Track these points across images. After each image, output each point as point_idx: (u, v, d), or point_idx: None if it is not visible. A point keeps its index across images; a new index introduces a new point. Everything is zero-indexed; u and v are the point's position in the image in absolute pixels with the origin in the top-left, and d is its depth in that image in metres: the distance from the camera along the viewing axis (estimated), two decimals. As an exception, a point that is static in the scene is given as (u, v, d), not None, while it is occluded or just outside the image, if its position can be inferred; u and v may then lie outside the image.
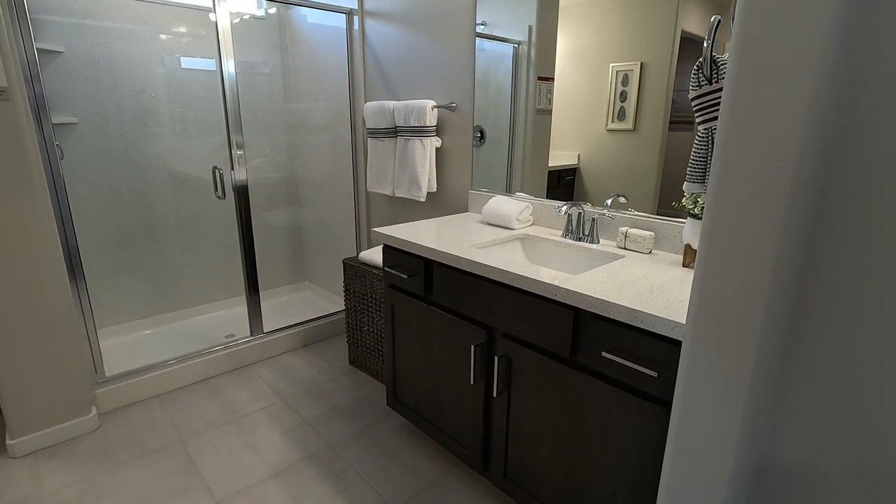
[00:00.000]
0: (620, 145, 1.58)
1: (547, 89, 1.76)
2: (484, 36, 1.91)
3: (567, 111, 1.72)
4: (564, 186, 1.76)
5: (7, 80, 1.56)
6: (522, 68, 1.83)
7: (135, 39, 2.47)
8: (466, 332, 1.49)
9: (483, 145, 2.00)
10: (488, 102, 1.94)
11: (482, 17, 1.89)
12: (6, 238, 1.65)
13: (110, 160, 2.50)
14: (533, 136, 1.84)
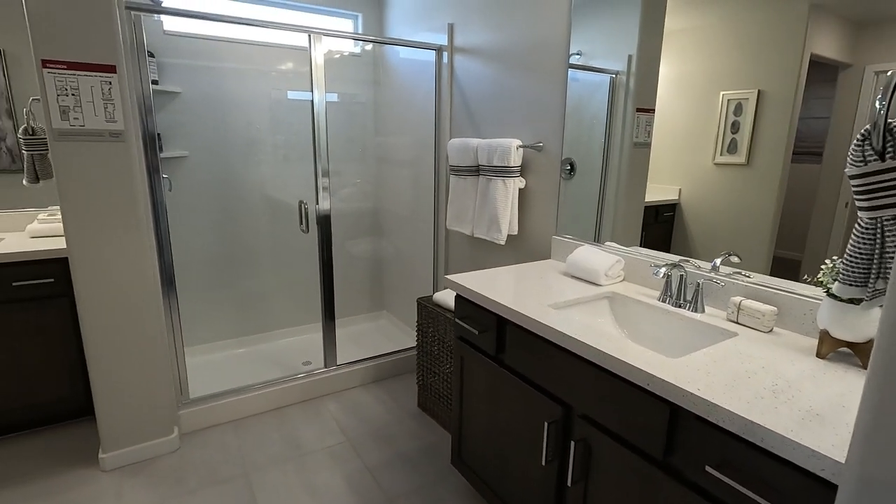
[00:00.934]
0: (730, 180, 1.37)
1: (646, 121, 1.59)
2: (578, 67, 1.77)
3: (668, 143, 1.53)
4: (663, 223, 1.55)
5: (123, 125, 1.71)
6: (619, 99, 1.66)
7: (243, 78, 2.66)
8: (540, 406, 1.32)
9: (572, 178, 1.84)
10: (581, 134, 1.79)
11: (577, 46, 1.75)
12: (110, 266, 1.78)
13: (213, 189, 2.69)
14: (629, 171, 1.66)
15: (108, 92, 1.66)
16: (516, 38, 1.99)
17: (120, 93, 1.68)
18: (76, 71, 1.60)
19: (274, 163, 2.85)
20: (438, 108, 2.51)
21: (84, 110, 1.63)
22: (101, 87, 1.64)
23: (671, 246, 1.54)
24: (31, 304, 1.97)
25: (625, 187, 1.67)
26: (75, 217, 1.70)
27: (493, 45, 2.12)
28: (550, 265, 1.83)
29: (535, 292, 1.49)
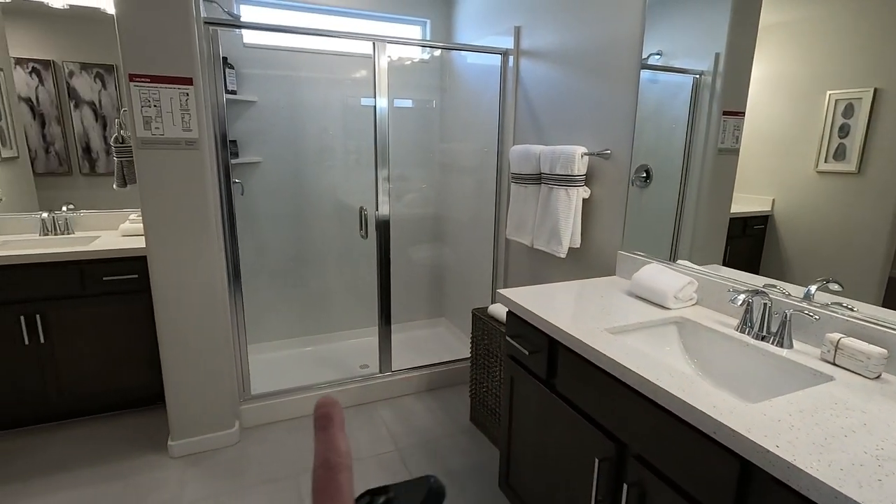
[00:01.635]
0: (836, 191, 1.18)
1: (734, 125, 1.42)
2: (657, 67, 1.62)
3: (759, 148, 1.35)
4: (751, 237, 1.37)
5: (198, 133, 1.81)
6: (703, 101, 1.50)
7: (316, 86, 2.75)
8: (592, 440, 1.21)
9: (648, 186, 1.69)
10: (659, 139, 1.63)
11: (657, 46, 1.60)
12: (182, 264, 1.90)
13: (283, 194, 2.80)
14: (712, 179, 1.49)
15: (185, 103, 1.76)
16: (585, 40, 1.87)
17: (195, 103, 1.78)
18: (158, 84, 1.72)
19: (344, 168, 2.92)
20: (502, 114, 2.44)
21: (164, 120, 1.75)
22: (179, 99, 1.75)
23: (761, 265, 1.35)
24: (119, 298, 2.15)
25: (707, 197, 1.50)
26: (153, 218, 1.82)
27: (560, 47, 2.01)
28: (614, 283, 1.69)
29: (591, 313, 1.37)
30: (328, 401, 0.28)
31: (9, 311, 2.01)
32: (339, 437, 0.27)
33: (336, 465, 0.26)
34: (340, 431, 0.27)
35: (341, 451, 0.26)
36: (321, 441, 0.26)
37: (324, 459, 0.26)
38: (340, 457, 0.26)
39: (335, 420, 0.27)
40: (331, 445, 0.26)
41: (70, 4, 2.28)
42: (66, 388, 2.15)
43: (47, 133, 2.44)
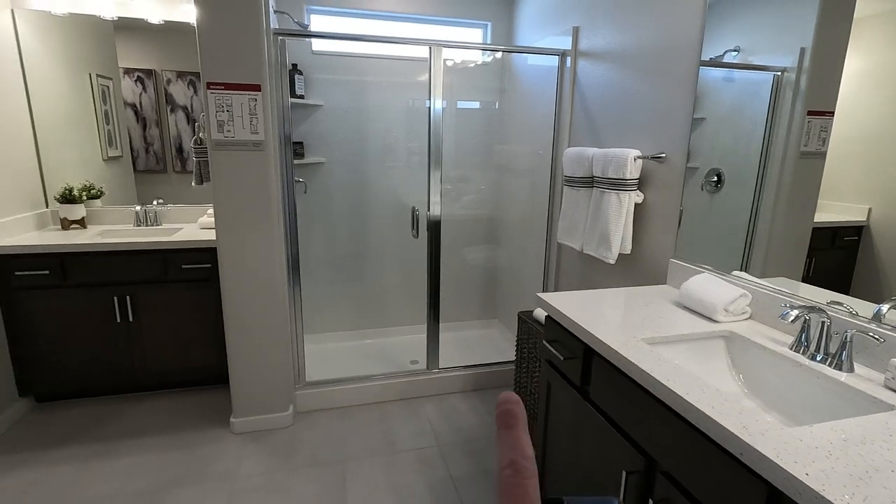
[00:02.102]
0: None
1: (820, 126, 1.30)
2: (733, 65, 1.52)
3: (851, 151, 1.23)
4: (842, 250, 1.25)
5: (264, 135, 1.96)
6: (785, 101, 1.39)
7: (379, 89, 2.87)
8: (621, 452, 1.17)
9: (718, 192, 1.59)
10: (736, 141, 1.52)
11: (735, 41, 1.51)
12: (247, 256, 2.06)
13: (344, 193, 2.94)
14: (793, 185, 1.38)
15: (254, 107, 1.92)
16: (643, 39, 1.81)
17: (262, 108, 1.93)
18: (231, 91, 1.89)
19: (406, 169, 3.01)
20: (558, 116, 2.40)
21: (235, 124, 1.91)
22: (248, 104, 1.91)
23: (852, 281, 1.22)
24: (194, 285, 2.37)
25: (785, 204, 1.39)
26: (223, 213, 2.00)
27: (617, 47, 1.95)
28: (662, 292, 1.62)
29: (631, 321, 1.33)
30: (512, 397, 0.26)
31: (106, 292, 2.29)
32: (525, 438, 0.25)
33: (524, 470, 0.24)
34: (525, 433, 0.26)
35: (528, 454, 0.25)
36: (507, 441, 0.25)
37: (511, 461, 0.24)
38: (528, 461, 0.25)
39: (519, 419, 0.26)
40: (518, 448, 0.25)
41: (164, 20, 2.55)
42: (149, 364, 2.41)
43: (147, 135, 2.73)
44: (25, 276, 2.19)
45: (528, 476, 0.23)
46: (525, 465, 0.23)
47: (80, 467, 1.96)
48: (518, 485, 0.23)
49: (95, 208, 2.65)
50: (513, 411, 0.25)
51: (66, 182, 2.58)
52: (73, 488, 1.84)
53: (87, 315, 2.29)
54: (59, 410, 2.35)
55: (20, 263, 2.18)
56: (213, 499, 1.80)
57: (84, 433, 2.18)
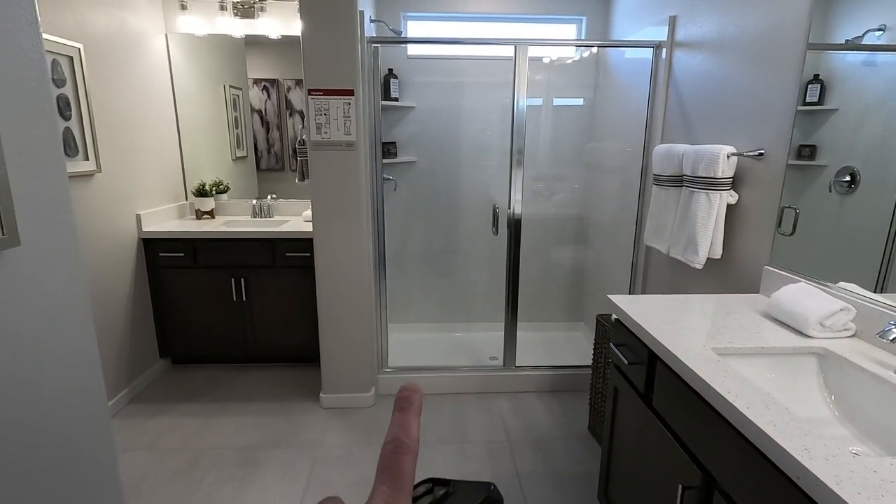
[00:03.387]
0: None
1: None
2: (877, 48, 1.32)
3: None
4: None
5: (356, 136, 2.13)
6: None
7: (471, 90, 2.94)
8: (679, 465, 1.11)
9: (852, 193, 1.40)
10: (881, 136, 1.31)
11: (879, 19, 1.31)
12: (338, 247, 2.25)
13: (433, 191, 3.06)
14: None
15: (347, 111, 2.09)
16: (743, 25, 1.65)
17: (355, 111, 2.10)
18: (328, 96, 2.08)
19: (496, 167, 3.05)
20: (651, 111, 2.27)
21: (331, 126, 2.10)
22: (342, 107, 2.09)
23: None
24: (295, 271, 2.64)
25: None
26: (319, 207, 2.21)
27: (717, 35, 1.80)
28: (751, 301, 1.48)
29: (705, 329, 1.24)
30: (413, 386, 0.30)
31: (226, 274, 2.65)
32: (413, 421, 0.28)
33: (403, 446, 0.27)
34: (415, 417, 0.28)
35: (412, 435, 0.27)
36: (396, 421, 0.28)
37: (394, 437, 0.27)
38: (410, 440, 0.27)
39: (413, 405, 0.29)
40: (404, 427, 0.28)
41: (282, 35, 2.87)
42: (257, 338, 2.74)
43: (269, 137, 3.10)
44: (167, 257, 2.62)
45: (406, 452, 0.26)
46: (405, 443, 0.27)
47: (201, 421, 2.30)
48: (395, 458, 0.26)
49: (222, 201, 3.06)
50: (409, 398, 0.29)
51: (200, 178, 3.02)
52: (195, 437, 2.17)
53: (211, 293, 2.67)
54: (188, 372, 2.78)
55: (164, 246, 2.61)
56: (300, 462, 2.01)
57: (205, 393, 2.55)
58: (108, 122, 2.32)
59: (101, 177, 2.28)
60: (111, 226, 2.36)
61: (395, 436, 0.27)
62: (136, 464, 1.99)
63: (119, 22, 2.41)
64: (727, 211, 1.69)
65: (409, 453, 0.27)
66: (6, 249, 0.80)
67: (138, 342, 2.57)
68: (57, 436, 0.93)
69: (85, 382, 1.00)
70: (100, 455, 1.05)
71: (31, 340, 0.86)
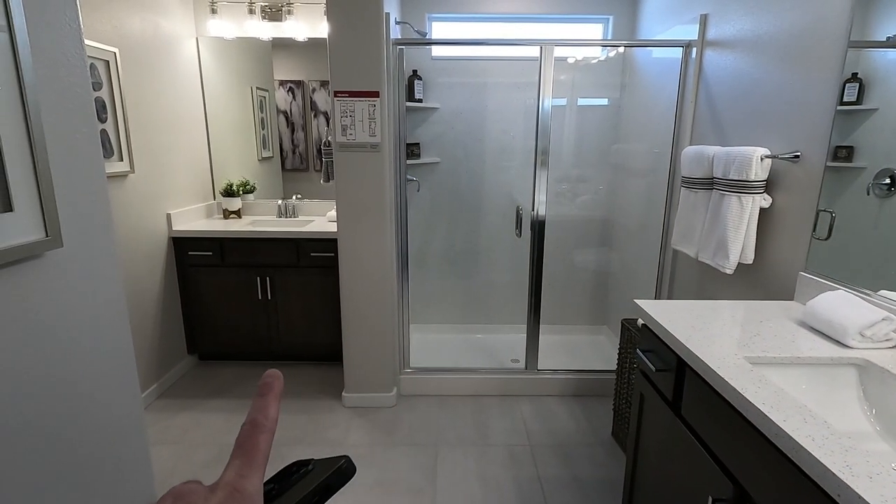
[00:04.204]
0: None
1: None
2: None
3: None
4: None
5: (380, 138, 2.14)
6: None
7: (496, 90, 2.93)
8: (709, 476, 1.08)
9: (891, 196, 1.34)
10: None
11: None
12: (361, 247, 2.27)
13: (456, 191, 3.06)
14: None
15: (372, 112, 2.11)
16: (779, 22, 1.60)
17: (380, 112, 2.11)
18: (354, 97, 2.10)
19: (520, 168, 3.03)
20: (680, 112, 2.23)
21: (356, 127, 2.12)
22: (367, 109, 2.10)
23: None
24: (319, 271, 2.68)
25: None
26: (344, 208, 2.23)
27: (751, 33, 1.76)
28: (785, 308, 1.43)
29: (737, 337, 1.21)
30: (274, 373, 0.31)
31: (252, 272, 2.69)
32: (273, 404, 0.30)
33: (260, 425, 0.28)
34: (275, 400, 0.30)
35: (269, 416, 0.29)
36: (256, 404, 0.29)
37: (252, 418, 0.29)
38: (267, 420, 0.29)
39: (274, 390, 0.30)
40: (263, 409, 0.29)
41: (308, 37, 2.90)
42: (282, 336, 2.78)
43: (294, 138, 3.14)
44: (196, 256, 2.68)
45: (262, 431, 0.28)
46: (262, 422, 0.28)
47: (227, 416, 2.35)
48: (250, 435, 0.28)
49: (249, 201, 3.12)
50: (270, 384, 0.30)
51: (228, 179, 3.08)
52: (220, 433, 2.22)
53: (238, 291, 2.72)
54: (215, 368, 2.84)
55: (193, 245, 2.67)
56: (323, 460, 2.03)
57: (231, 389, 2.61)
58: (140, 124, 2.39)
59: (135, 177, 2.35)
60: (143, 225, 2.43)
61: (254, 417, 0.29)
62: (165, 457, 2.05)
63: (153, 26, 2.47)
64: (760, 215, 1.65)
65: (266, 431, 0.29)
66: (50, 251, 0.83)
67: (168, 339, 2.64)
68: (95, 427, 0.96)
69: (121, 377, 1.03)
70: (135, 446, 1.08)
71: (71, 338, 0.89)
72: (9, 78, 0.74)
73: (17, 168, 0.76)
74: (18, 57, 0.75)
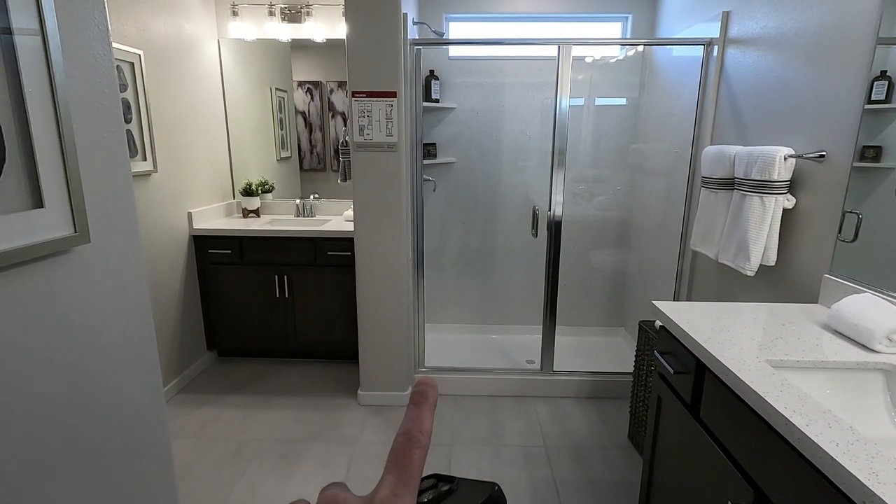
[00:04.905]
0: None
1: None
2: None
3: None
4: None
5: (397, 138, 2.15)
6: None
7: (513, 90, 2.92)
8: (729, 480, 1.06)
9: None
10: None
11: None
12: (378, 246, 2.28)
13: (472, 192, 3.06)
14: None
15: (389, 112, 2.12)
16: (804, 18, 1.57)
17: (397, 113, 2.12)
18: (371, 98, 2.11)
19: (537, 168, 3.01)
20: (700, 111, 2.19)
21: (373, 127, 2.14)
22: (385, 109, 2.11)
23: None
24: (336, 269, 2.70)
25: None
26: (361, 207, 2.25)
27: (774, 30, 1.72)
28: (809, 311, 1.40)
29: (757, 339, 1.19)
30: (429, 381, 0.30)
31: (270, 271, 2.73)
32: (427, 416, 0.28)
33: (416, 440, 0.27)
34: (430, 412, 0.28)
35: (424, 429, 0.28)
36: (411, 415, 0.28)
37: (407, 430, 0.27)
38: (422, 434, 0.27)
39: (429, 400, 0.29)
40: (418, 422, 0.28)
41: (326, 38, 2.93)
42: (299, 334, 2.81)
43: (312, 138, 3.17)
44: (216, 254, 2.72)
45: (417, 446, 0.27)
46: (417, 437, 0.27)
47: (244, 412, 2.39)
48: (405, 451, 0.26)
49: (267, 200, 3.16)
50: (425, 392, 0.29)
51: (247, 178, 3.13)
52: (237, 428, 2.26)
53: (256, 289, 2.76)
54: (233, 364, 2.88)
55: (213, 243, 2.72)
56: (338, 457, 2.06)
57: (248, 386, 2.65)
58: (163, 125, 2.44)
59: (157, 176, 2.40)
60: (165, 223, 2.48)
61: (408, 429, 0.27)
62: (184, 451, 2.09)
63: (176, 29, 2.52)
64: (783, 215, 1.62)
65: (420, 447, 0.27)
66: (78, 246, 0.85)
67: (188, 335, 2.69)
68: (119, 419, 0.98)
69: (144, 371, 1.05)
70: (156, 438, 1.11)
71: (97, 331, 0.92)
72: (41, 79, 0.76)
73: (48, 166, 0.78)
74: (50, 59, 0.77)
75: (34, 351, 0.79)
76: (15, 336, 0.76)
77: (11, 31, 0.72)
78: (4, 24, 0.71)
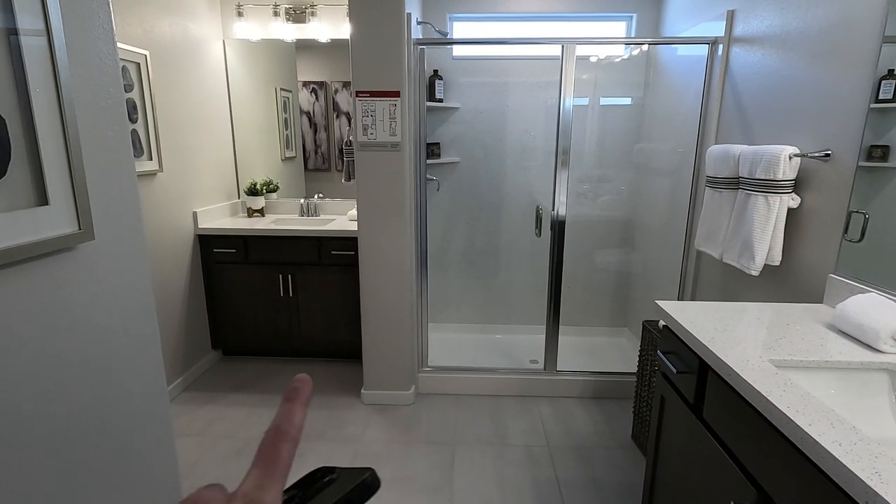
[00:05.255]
0: None
1: None
2: None
3: None
4: None
5: (401, 137, 2.15)
6: None
7: (515, 90, 2.92)
8: (732, 481, 1.06)
9: None
10: None
11: None
12: (381, 246, 2.29)
13: (475, 191, 3.06)
14: None
15: (393, 112, 2.12)
16: (810, 17, 1.56)
17: (401, 112, 2.13)
18: (375, 97, 2.12)
19: (540, 168, 3.01)
20: (705, 110, 2.18)
21: (377, 127, 2.14)
22: (388, 109, 2.12)
23: None
24: (340, 269, 2.71)
25: None
26: (364, 207, 2.25)
27: (780, 29, 1.71)
28: (814, 311, 1.39)
29: (761, 339, 1.18)
30: (303, 377, 0.30)
31: (274, 270, 2.74)
32: (299, 411, 0.28)
33: (284, 434, 0.27)
34: (301, 407, 0.29)
35: (294, 424, 0.28)
36: (282, 410, 0.28)
37: (277, 425, 0.28)
38: (292, 427, 0.28)
39: (301, 396, 0.29)
40: (289, 416, 0.28)
41: (331, 38, 2.94)
42: (303, 333, 2.82)
43: (317, 138, 3.19)
44: (221, 253, 2.74)
45: (285, 439, 0.27)
46: (286, 430, 0.27)
47: (249, 411, 2.40)
48: (273, 444, 0.27)
49: (272, 200, 3.18)
50: (298, 389, 0.29)
51: (252, 178, 3.14)
52: (242, 426, 2.27)
53: (261, 288, 2.77)
54: (237, 363, 2.90)
55: (218, 242, 2.73)
56: (341, 456, 2.06)
57: (253, 384, 2.66)
58: (169, 124, 2.46)
59: (163, 176, 2.42)
60: (171, 222, 2.50)
61: (278, 424, 0.28)
62: (189, 449, 2.10)
63: (181, 29, 2.54)
64: (788, 215, 1.60)
65: (289, 440, 0.27)
66: (82, 243, 0.86)
67: (193, 333, 2.71)
68: (123, 415, 0.99)
69: (148, 368, 1.06)
70: (160, 435, 1.12)
71: (102, 329, 0.93)
72: (46, 78, 0.77)
73: (53, 164, 0.79)
74: (55, 58, 0.78)
75: (38, 347, 0.80)
76: (19, 332, 0.77)
77: (17, 31, 0.73)
78: (10, 25, 0.72)
